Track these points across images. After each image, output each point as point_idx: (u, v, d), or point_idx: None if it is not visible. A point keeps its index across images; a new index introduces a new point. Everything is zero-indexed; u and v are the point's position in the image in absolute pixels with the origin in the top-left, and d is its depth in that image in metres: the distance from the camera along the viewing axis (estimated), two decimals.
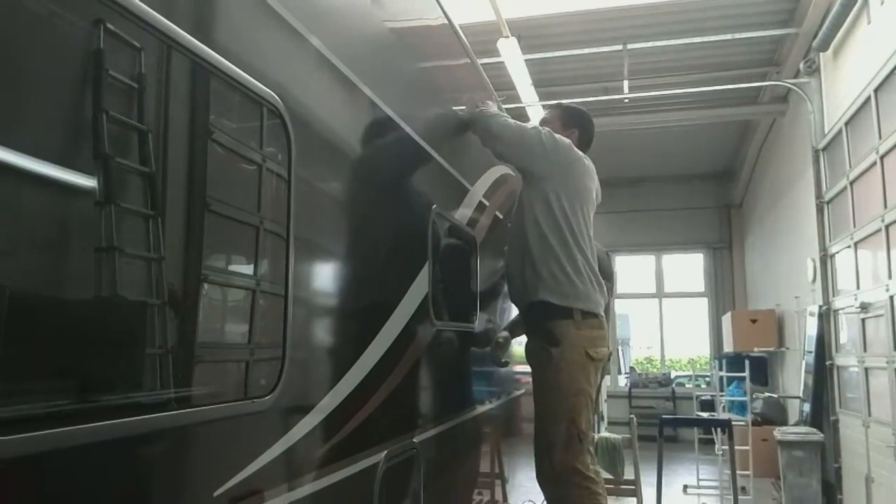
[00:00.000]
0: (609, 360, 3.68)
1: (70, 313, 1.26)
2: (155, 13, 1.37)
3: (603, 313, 3.44)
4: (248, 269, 1.84)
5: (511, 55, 7.77)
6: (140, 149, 1.39)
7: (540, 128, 3.55)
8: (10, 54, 1.14)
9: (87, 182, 1.29)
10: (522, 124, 3.55)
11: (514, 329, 4.13)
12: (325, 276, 2.22)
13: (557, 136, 3.51)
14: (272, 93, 1.76)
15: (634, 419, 6.43)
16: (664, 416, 7.03)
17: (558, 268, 3.32)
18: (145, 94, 1.41)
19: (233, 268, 1.80)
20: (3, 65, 1.13)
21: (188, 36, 1.47)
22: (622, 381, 15.43)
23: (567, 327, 3.28)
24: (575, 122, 3.77)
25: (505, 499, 4.39)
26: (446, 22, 3.64)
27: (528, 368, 3.59)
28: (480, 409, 3.98)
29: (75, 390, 1.24)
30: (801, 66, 8.26)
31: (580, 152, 3.56)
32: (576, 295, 3.32)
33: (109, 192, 1.31)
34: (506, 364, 4.22)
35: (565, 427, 3.23)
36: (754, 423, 8.85)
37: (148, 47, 1.40)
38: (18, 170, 1.14)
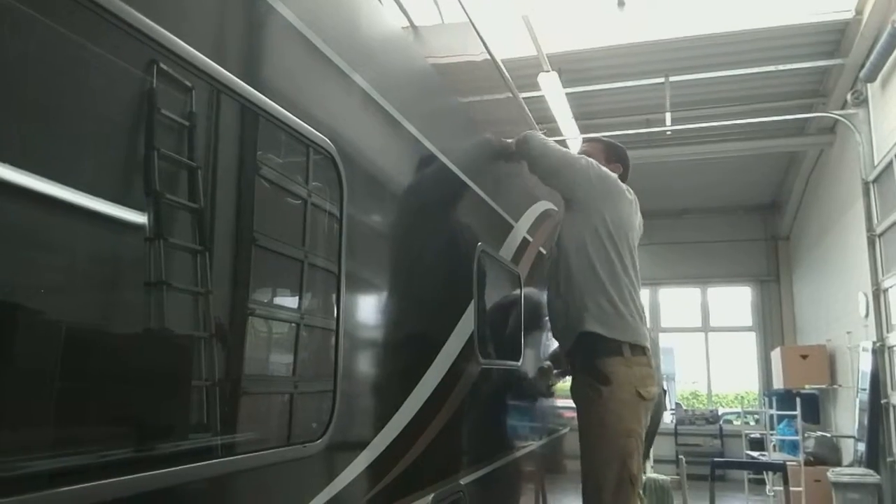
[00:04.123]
0: (666, 395, 3.56)
1: (118, 353, 1.24)
2: (205, 57, 1.38)
3: (650, 346, 3.35)
4: (295, 305, 1.83)
5: (552, 89, 7.79)
6: (190, 188, 1.40)
7: (587, 157, 3.47)
8: (67, 95, 1.15)
9: (140, 218, 1.28)
10: (569, 150, 3.47)
11: (556, 359, 4.02)
12: (374, 314, 2.20)
13: (602, 167, 3.44)
14: (325, 137, 1.78)
15: (683, 460, 6.25)
16: (716, 459, 6.81)
17: (606, 299, 3.21)
18: (196, 134, 1.41)
19: (281, 302, 1.79)
20: (58, 103, 1.14)
21: (240, 81, 1.48)
22: (668, 418, 15.07)
23: (617, 365, 3.17)
24: (617, 158, 3.71)
25: None
26: (488, 57, 3.64)
27: (572, 404, 3.48)
28: (526, 448, 3.90)
29: (118, 438, 1.21)
30: (849, 97, 8.13)
31: (624, 185, 3.51)
32: (623, 328, 3.21)
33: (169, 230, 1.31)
34: (550, 394, 4.13)
35: (616, 470, 3.08)
36: (806, 463, 8.56)
37: (199, 89, 1.41)
38: (73, 206, 1.14)
